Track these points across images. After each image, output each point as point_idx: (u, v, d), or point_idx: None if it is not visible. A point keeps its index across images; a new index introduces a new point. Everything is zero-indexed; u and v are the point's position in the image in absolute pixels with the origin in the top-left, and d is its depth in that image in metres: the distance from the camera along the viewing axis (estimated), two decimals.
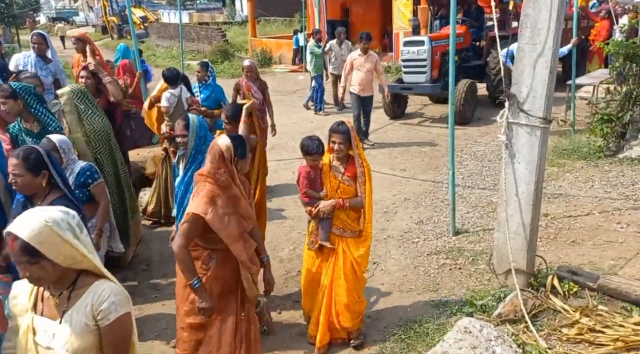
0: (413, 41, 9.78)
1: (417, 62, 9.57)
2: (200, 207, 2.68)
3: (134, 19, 26.47)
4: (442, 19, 10.89)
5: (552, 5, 3.31)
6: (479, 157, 7.68)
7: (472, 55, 10.47)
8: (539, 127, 3.57)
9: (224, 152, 2.75)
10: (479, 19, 10.62)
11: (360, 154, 3.50)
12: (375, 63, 8.06)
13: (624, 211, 5.35)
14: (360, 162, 3.49)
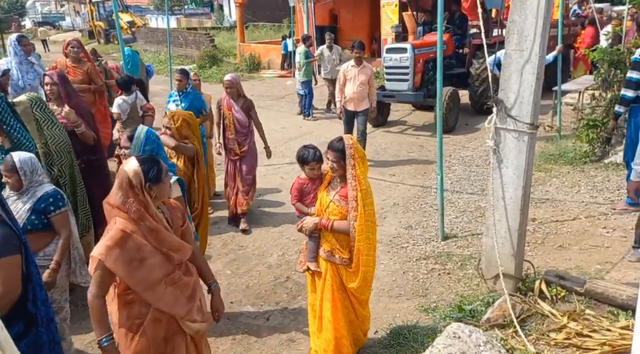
0: (395, 48, 9.59)
1: (399, 70, 9.39)
2: (100, 251, 2.33)
3: (121, 24, 26.36)
4: (425, 26, 10.82)
5: (538, 12, 3.35)
6: (467, 162, 7.73)
7: (455, 63, 10.35)
8: (526, 133, 3.60)
9: (131, 178, 2.36)
10: (463, 26, 10.54)
11: (357, 176, 3.10)
12: (370, 75, 7.47)
13: (610, 215, 5.41)
14: (355, 185, 3.10)
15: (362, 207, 3.09)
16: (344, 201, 3.17)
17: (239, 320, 4.19)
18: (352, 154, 3.11)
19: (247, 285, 4.68)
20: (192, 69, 18.92)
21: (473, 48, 10.16)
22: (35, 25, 42.55)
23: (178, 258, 2.52)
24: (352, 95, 7.46)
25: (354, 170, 3.12)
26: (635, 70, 5.03)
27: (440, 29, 4.86)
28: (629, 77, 5.18)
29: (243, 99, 5.85)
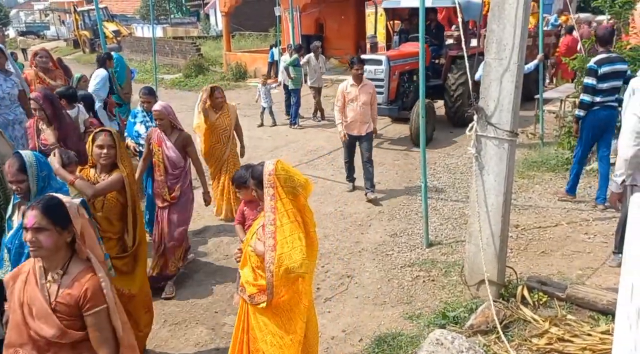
0: (370, 59, 9.09)
1: (375, 82, 8.88)
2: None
3: (107, 33, 26.31)
4: (401, 35, 10.50)
5: (516, 22, 3.41)
6: (451, 169, 7.79)
7: (431, 74, 9.94)
8: (506, 140, 3.65)
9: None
10: (439, 37, 10.26)
11: (276, 210, 2.58)
12: (372, 94, 6.60)
13: (591, 221, 5.48)
14: (272, 219, 2.58)
15: (282, 248, 2.56)
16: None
17: (223, 330, 4.16)
18: (271, 183, 2.60)
19: (231, 294, 4.65)
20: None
21: (449, 59, 9.92)
22: (19, 35, 42.25)
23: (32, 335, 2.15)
24: (354, 118, 6.57)
25: (274, 202, 2.59)
26: (591, 76, 5.45)
27: (422, 38, 4.91)
28: (586, 83, 5.56)
29: (178, 133, 4.73)
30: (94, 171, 3.62)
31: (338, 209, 6.49)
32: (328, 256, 5.28)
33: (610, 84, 5.46)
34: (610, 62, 5.44)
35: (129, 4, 48.27)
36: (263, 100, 11.65)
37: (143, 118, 5.60)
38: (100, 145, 3.50)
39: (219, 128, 6.12)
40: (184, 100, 15.52)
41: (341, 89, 6.68)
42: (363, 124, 6.63)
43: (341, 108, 6.66)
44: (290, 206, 2.60)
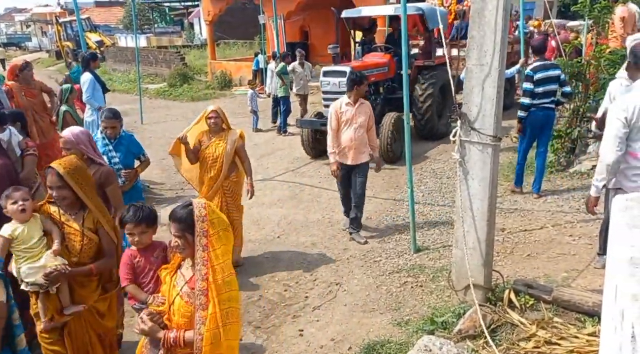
0: (333, 71, 8.52)
1: (339, 95, 8.18)
2: None
3: (90, 44, 26.15)
4: (364, 46, 9.97)
5: (496, 28, 3.44)
6: (438, 174, 7.83)
7: (397, 86, 9.38)
8: (489, 145, 3.67)
9: None
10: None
11: (209, 261, 2.23)
12: (370, 115, 5.61)
13: (576, 223, 5.54)
14: (205, 274, 2.23)
15: (216, 306, 2.21)
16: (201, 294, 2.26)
17: None
18: (204, 229, 2.24)
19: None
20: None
21: (415, 70, 9.40)
22: (0, 46, 41.81)
23: None
24: (350, 143, 5.49)
25: (206, 252, 2.23)
26: (528, 82, 6.09)
27: (405, 45, 4.94)
28: (524, 87, 6.22)
29: (95, 168, 3.71)
30: (57, 209, 3.06)
31: (325, 217, 6.48)
32: (316, 264, 5.26)
33: (545, 88, 6.10)
34: (544, 68, 6.11)
35: (111, 14, 48.09)
36: (249, 103, 11.68)
37: (104, 147, 4.46)
38: (49, 186, 3.01)
39: (208, 158, 4.95)
40: (168, 109, 15.48)
41: (334, 108, 5.56)
42: (359, 153, 5.56)
43: (335, 132, 5.55)
44: (221, 253, 2.25)
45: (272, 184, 7.93)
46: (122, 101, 16.25)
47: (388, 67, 9.13)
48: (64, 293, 3.00)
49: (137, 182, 4.74)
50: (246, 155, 5.12)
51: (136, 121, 13.36)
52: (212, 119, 4.94)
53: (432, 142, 9.43)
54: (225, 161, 4.91)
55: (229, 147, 4.92)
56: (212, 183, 5.00)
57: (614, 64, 6.86)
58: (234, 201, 5.12)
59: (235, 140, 4.95)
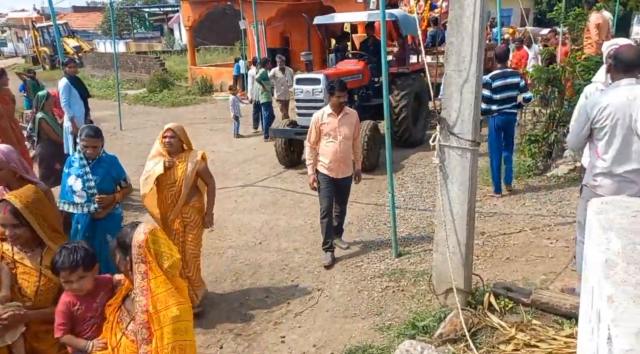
0: (307, 79, 8.38)
1: (312, 103, 8.11)
2: None
3: (67, 49, 25.81)
4: (337, 53, 9.89)
5: (474, 34, 3.49)
6: (418, 179, 7.88)
7: (372, 94, 9.30)
8: (468, 149, 3.71)
9: None
10: (377, 53, 9.49)
11: (149, 291, 2.08)
12: (356, 125, 5.28)
13: (553, 226, 5.62)
14: (144, 305, 2.07)
15: (160, 340, 2.04)
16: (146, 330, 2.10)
17: None
18: (142, 256, 2.09)
19: (199, 311, 4.55)
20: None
21: (390, 77, 9.24)
22: None
23: None
24: (334, 157, 5.15)
25: (146, 280, 2.07)
26: (486, 88, 6.29)
27: (384, 51, 4.98)
28: (482, 94, 6.32)
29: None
30: (9, 247, 2.67)
31: (308, 222, 6.46)
32: (298, 270, 5.24)
33: (504, 95, 6.44)
34: (503, 76, 6.45)
35: (90, 19, 47.53)
36: (231, 109, 11.65)
37: (81, 169, 3.99)
38: (1, 223, 2.63)
39: (165, 182, 4.34)
40: (148, 115, 15.34)
41: (315, 119, 5.21)
42: (345, 166, 5.26)
43: (313, 144, 5.23)
44: (161, 284, 2.07)
45: (253, 190, 7.89)
46: (100, 106, 16.04)
47: (362, 75, 9.03)
48: (18, 347, 2.57)
49: (115, 210, 4.23)
50: (210, 177, 4.53)
51: (115, 127, 13.21)
52: (167, 139, 4.30)
53: (410, 148, 9.42)
54: (185, 185, 4.30)
55: (189, 168, 4.31)
56: (169, 210, 4.37)
57: (589, 70, 7.01)
58: (193, 231, 4.43)
59: (196, 162, 4.35)
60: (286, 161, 8.82)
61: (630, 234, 2.09)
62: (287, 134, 8.51)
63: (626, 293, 1.68)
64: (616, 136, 3.41)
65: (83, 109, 7.53)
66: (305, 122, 8.11)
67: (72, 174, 4.00)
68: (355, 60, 9.36)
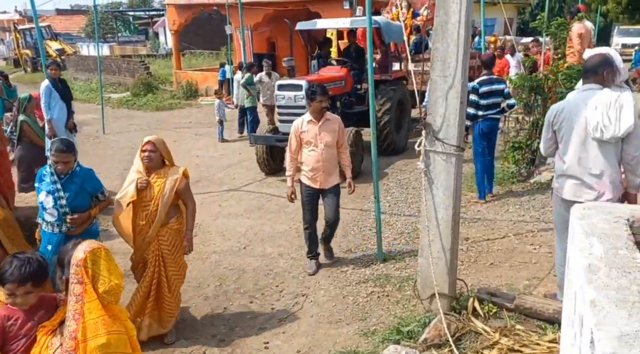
0: (289, 85, 8.26)
1: (294, 110, 7.94)
2: None
3: (50, 52, 25.50)
4: (320, 59, 9.74)
5: (459, 41, 3.52)
6: (404, 184, 7.91)
7: (354, 101, 9.23)
8: (453, 155, 3.74)
9: None
10: (359, 60, 9.40)
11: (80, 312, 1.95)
12: (339, 132, 5.02)
13: (536, 232, 5.68)
14: (72, 330, 1.94)
15: None
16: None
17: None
18: (78, 276, 1.97)
19: (182, 318, 4.49)
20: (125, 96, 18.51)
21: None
22: None
23: None
24: (316, 166, 4.94)
25: (79, 303, 1.94)
26: (473, 93, 6.50)
27: (370, 56, 5.00)
28: (470, 99, 6.50)
29: None
30: None
31: (292, 227, 6.44)
32: (282, 275, 5.21)
33: (490, 101, 6.60)
34: (490, 82, 6.61)
35: (73, 22, 47.05)
36: (216, 113, 11.61)
37: (52, 185, 3.71)
38: None
39: (142, 200, 3.95)
40: (131, 119, 15.19)
41: (295, 127, 4.98)
42: (328, 175, 5.00)
43: (293, 153, 5.01)
44: (94, 309, 1.91)
45: (238, 195, 7.85)
46: (83, 110, 15.84)
47: (345, 81, 8.94)
48: None
49: (91, 226, 3.95)
50: (191, 199, 4.14)
51: (98, 131, 13.06)
52: (146, 153, 3.93)
53: (394, 155, 9.37)
54: (161, 204, 3.91)
55: (167, 186, 3.91)
56: (145, 231, 3.96)
57: (571, 78, 7.13)
58: (173, 255, 4.05)
59: (176, 179, 3.96)
60: (267, 168, 8.67)
61: (612, 239, 2.11)
62: (269, 140, 8.36)
63: (608, 297, 1.70)
64: (572, 138, 3.53)
65: (65, 112, 7.43)
66: (287, 129, 7.88)
67: (43, 190, 3.75)
68: (338, 67, 9.32)
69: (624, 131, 3.30)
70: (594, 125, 3.37)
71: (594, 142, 3.44)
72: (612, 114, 3.32)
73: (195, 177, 8.87)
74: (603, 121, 3.33)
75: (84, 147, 11.04)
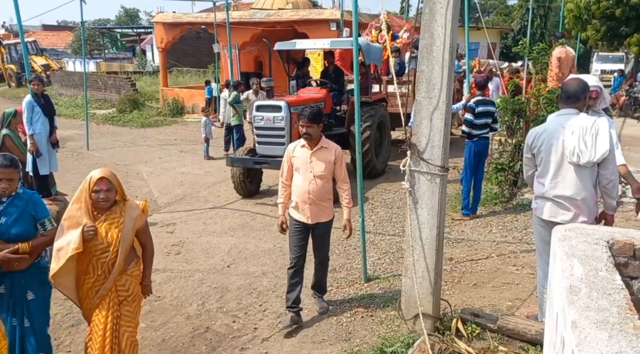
0: (267, 106, 8.05)
1: (272, 131, 7.88)
2: None
3: (36, 67, 25.37)
4: (298, 80, 9.63)
5: (444, 63, 3.59)
6: (388, 204, 7.94)
7: (334, 122, 9.01)
8: (438, 175, 3.77)
9: None
10: (339, 81, 9.33)
11: None
12: (336, 162, 4.37)
13: (519, 253, 5.73)
14: None
15: None
16: None
17: None
18: None
19: (163, 338, 4.42)
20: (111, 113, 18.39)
21: (352, 105, 8.48)
22: None
23: None
24: (303, 198, 4.35)
25: None
26: (469, 113, 6.86)
27: (357, 74, 5.06)
28: (466, 118, 7.03)
29: None
30: None
31: (277, 246, 6.40)
32: (266, 294, 5.16)
33: (483, 121, 6.93)
34: (484, 103, 6.96)
35: (60, 38, 46.97)
36: (202, 130, 11.63)
37: None
38: None
39: (94, 249, 3.25)
40: (116, 135, 15.10)
41: (288, 150, 4.50)
42: (319, 210, 4.40)
43: (285, 179, 4.48)
44: None
45: (223, 213, 7.80)
46: (67, 125, 15.73)
47: (324, 103, 8.73)
48: None
49: (41, 259, 3.43)
50: (149, 238, 3.58)
51: (82, 147, 12.95)
52: (102, 194, 3.24)
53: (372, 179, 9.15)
54: (122, 249, 3.28)
55: (127, 227, 3.31)
56: (99, 284, 3.29)
57: (552, 102, 7.28)
58: (131, 307, 3.42)
59: (135, 216, 3.37)
60: (243, 191, 8.42)
61: (593, 260, 2.14)
62: (246, 163, 8.12)
63: (589, 318, 1.72)
64: (550, 161, 3.63)
65: (47, 127, 7.36)
66: (264, 151, 7.99)
67: None
68: (316, 88, 9.20)
69: (599, 156, 3.40)
70: (570, 150, 3.46)
71: (570, 166, 3.52)
72: (588, 139, 3.42)
73: (180, 195, 8.82)
74: (579, 146, 3.42)
75: (67, 163, 10.92)
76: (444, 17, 3.56)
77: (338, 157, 4.37)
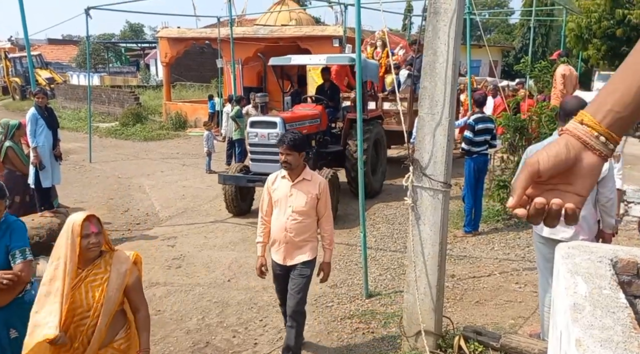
0: (262, 122, 7.78)
1: (267, 148, 7.45)
2: None
3: (40, 80, 25.59)
4: (293, 96, 9.47)
5: (446, 80, 3.62)
6: (390, 220, 7.92)
7: (329, 140, 8.88)
8: (440, 191, 3.78)
9: None
10: (334, 98, 9.16)
11: None
12: (320, 197, 3.82)
13: (521, 271, 5.70)
14: None
15: None
16: None
17: None
18: None
19: (162, 353, 4.38)
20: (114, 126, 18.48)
21: (348, 123, 8.77)
22: None
23: None
24: (279, 235, 3.83)
25: None
26: (469, 130, 6.95)
27: (359, 87, 5.09)
28: (465, 135, 7.09)
29: None
30: None
31: None
32: (267, 309, 5.13)
33: (482, 138, 6.99)
34: (483, 120, 7.02)
35: (64, 52, 47.40)
36: (205, 144, 11.65)
37: None
38: None
39: (72, 314, 2.60)
40: (119, 148, 15.15)
41: (267, 181, 3.98)
42: (296, 248, 3.84)
43: (264, 214, 3.94)
44: None
45: (224, 226, 7.79)
46: (70, 138, 15.80)
47: (320, 120, 8.60)
48: None
49: (24, 295, 3.09)
50: (143, 301, 2.87)
51: (84, 159, 12.99)
52: (92, 238, 2.63)
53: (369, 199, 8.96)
54: (104, 314, 2.62)
55: (112, 285, 2.67)
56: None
57: (554, 120, 7.30)
58: None
59: (125, 272, 2.73)
60: (235, 210, 8.11)
61: (597, 278, 2.13)
62: (239, 181, 7.75)
63: (593, 336, 1.70)
64: None
65: (50, 140, 7.38)
66: (258, 169, 7.67)
67: None
68: (312, 105, 9.06)
69: None
70: None
71: None
72: None
73: (181, 208, 8.82)
74: None
75: (70, 175, 10.95)
76: (447, 34, 3.59)
77: (322, 191, 3.81)
